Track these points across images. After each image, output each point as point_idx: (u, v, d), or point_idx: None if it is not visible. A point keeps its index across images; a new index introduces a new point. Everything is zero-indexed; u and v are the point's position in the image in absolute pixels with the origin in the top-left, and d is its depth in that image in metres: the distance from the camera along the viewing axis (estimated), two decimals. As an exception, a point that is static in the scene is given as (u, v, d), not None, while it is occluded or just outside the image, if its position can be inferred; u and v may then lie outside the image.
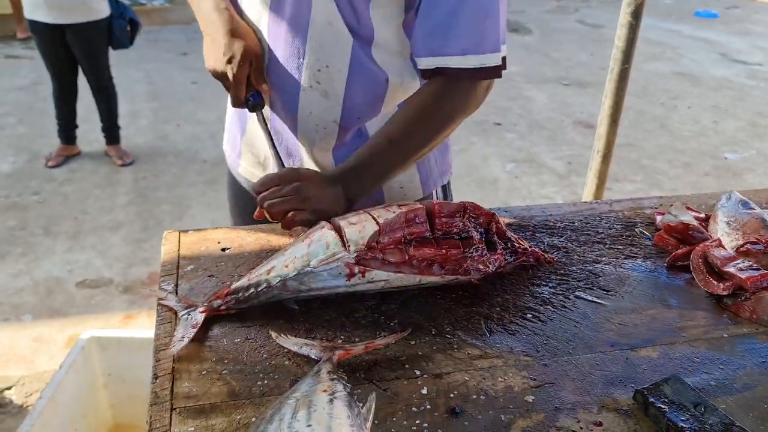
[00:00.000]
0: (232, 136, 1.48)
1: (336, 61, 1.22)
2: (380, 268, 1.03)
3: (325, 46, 1.21)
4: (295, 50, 1.23)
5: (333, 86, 1.24)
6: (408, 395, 0.88)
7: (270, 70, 1.28)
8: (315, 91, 1.25)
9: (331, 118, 1.28)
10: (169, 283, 1.09)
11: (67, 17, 3.96)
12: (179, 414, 0.84)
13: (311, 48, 1.22)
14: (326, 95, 1.25)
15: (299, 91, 1.26)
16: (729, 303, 1.11)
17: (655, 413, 0.86)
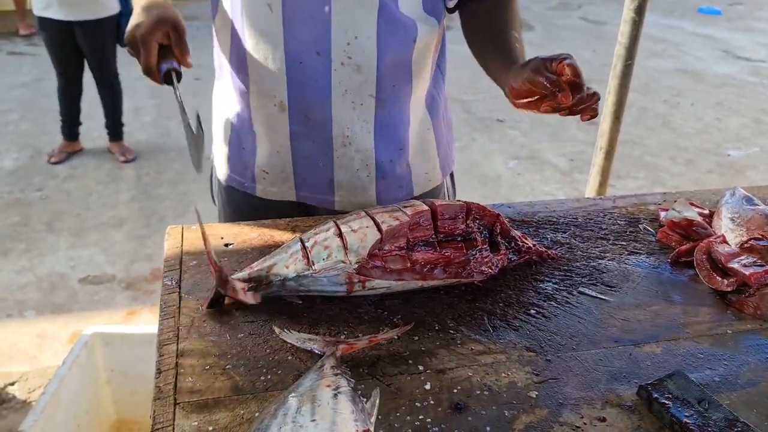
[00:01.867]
0: (241, 162, 1.39)
1: (364, 29, 1.17)
2: (381, 277, 1.02)
3: (351, 15, 1.16)
4: (319, 29, 1.17)
5: (364, 57, 1.19)
6: (411, 390, 0.88)
7: (292, 58, 1.20)
8: (347, 67, 1.20)
9: (366, 92, 1.23)
10: (172, 279, 1.09)
11: (78, 14, 4.00)
12: (183, 409, 0.84)
13: (337, 22, 1.16)
14: (359, 69, 1.20)
15: (330, 72, 1.20)
16: (733, 299, 1.10)
17: (658, 409, 0.86)
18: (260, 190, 1.39)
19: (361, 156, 1.30)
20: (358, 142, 1.29)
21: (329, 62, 1.19)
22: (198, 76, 6.12)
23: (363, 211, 1.08)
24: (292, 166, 1.32)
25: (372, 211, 1.07)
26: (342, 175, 1.32)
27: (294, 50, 1.20)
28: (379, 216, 1.05)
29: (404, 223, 1.04)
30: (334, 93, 1.23)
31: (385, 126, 1.29)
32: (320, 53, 1.19)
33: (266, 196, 1.39)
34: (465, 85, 5.92)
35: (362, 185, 1.34)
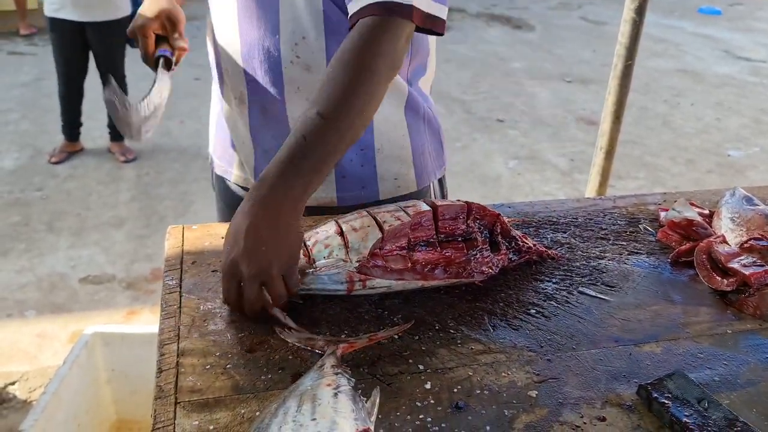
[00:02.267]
0: (221, 144, 1.45)
1: (311, 29, 1.19)
2: (382, 276, 1.03)
3: (298, 16, 1.18)
4: (269, 27, 1.21)
5: (313, 58, 1.22)
6: (411, 390, 0.88)
7: (246, 54, 1.25)
8: (297, 66, 1.23)
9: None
10: (173, 278, 1.09)
11: (92, 15, 4.02)
12: (183, 408, 0.84)
13: (284, 21, 1.19)
14: (309, 69, 1.23)
15: (281, 69, 1.23)
16: (733, 299, 1.11)
17: (658, 408, 0.86)
18: (243, 179, 1.44)
19: None
20: None
21: (280, 60, 1.23)
22: (198, 76, 6.14)
23: (365, 210, 1.09)
24: (254, 160, 1.36)
25: (373, 210, 1.08)
26: None
27: (248, 48, 1.25)
28: (381, 215, 1.05)
29: (406, 223, 1.04)
30: (287, 89, 1.26)
31: None
32: (271, 50, 1.23)
33: (239, 182, 1.45)
34: (465, 85, 5.92)
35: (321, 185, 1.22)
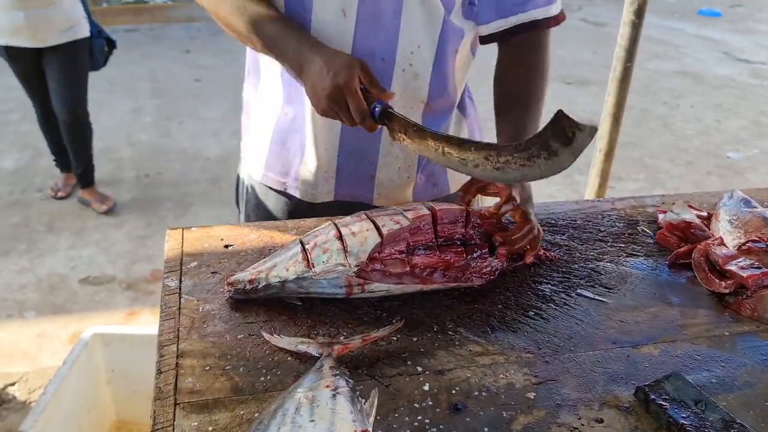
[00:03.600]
0: (282, 161, 1.38)
1: (426, 40, 1.23)
2: (381, 280, 1.03)
3: (418, 27, 1.22)
4: (387, 37, 1.22)
5: (423, 66, 1.25)
6: (410, 391, 0.89)
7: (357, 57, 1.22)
8: (407, 74, 1.25)
9: (419, 98, 1.29)
10: (173, 280, 1.10)
11: (47, 39, 3.41)
12: (183, 409, 0.85)
13: (404, 32, 1.21)
14: (417, 77, 1.26)
15: (392, 77, 1.25)
16: (730, 301, 1.11)
17: (656, 410, 0.86)
18: (301, 191, 1.39)
19: (405, 155, 1.34)
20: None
21: (392, 69, 1.24)
22: (198, 77, 6.15)
23: (363, 213, 1.09)
24: (336, 163, 1.34)
25: (372, 213, 1.08)
26: (384, 173, 1.36)
27: (360, 55, 1.18)
28: (380, 219, 1.05)
29: (405, 227, 1.04)
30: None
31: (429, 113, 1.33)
32: (384, 60, 1.23)
33: (305, 197, 1.39)
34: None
35: (401, 183, 1.38)
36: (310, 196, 1.39)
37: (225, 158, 4.55)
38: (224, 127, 5.08)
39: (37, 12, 3.28)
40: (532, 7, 1.24)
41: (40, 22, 3.32)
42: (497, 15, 1.25)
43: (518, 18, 1.24)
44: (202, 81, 6.09)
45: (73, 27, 3.46)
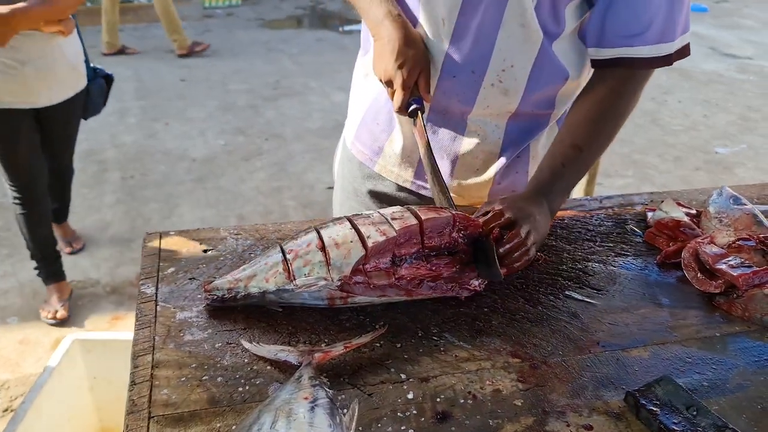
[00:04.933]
0: (371, 133, 1.44)
1: (521, 60, 1.21)
2: (364, 293, 1.00)
3: (513, 47, 1.20)
4: (481, 52, 1.21)
5: (514, 84, 1.24)
6: (393, 400, 0.86)
7: (446, 71, 1.25)
8: (496, 89, 1.25)
9: (505, 110, 1.29)
10: (149, 286, 1.06)
11: (49, 97, 2.61)
12: (157, 423, 0.81)
13: (499, 49, 1.20)
14: (506, 93, 1.25)
15: (479, 89, 1.25)
16: (721, 301, 1.09)
17: (646, 416, 0.84)
18: (380, 166, 1.45)
19: (485, 157, 1.34)
20: (486, 145, 1.33)
21: (481, 81, 1.24)
22: (184, 77, 6.09)
23: (347, 219, 1.04)
24: (418, 155, 1.36)
25: (357, 220, 1.03)
26: (462, 172, 1.37)
27: (451, 64, 1.24)
28: (365, 228, 1.00)
29: (390, 239, 1.00)
30: (477, 105, 1.28)
31: (514, 136, 1.32)
32: (475, 72, 1.23)
33: (383, 173, 1.45)
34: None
35: (477, 183, 1.38)
36: (387, 174, 1.44)
37: (211, 159, 4.50)
38: (210, 127, 5.03)
39: (36, 63, 2.48)
40: (640, 43, 1.16)
41: (41, 76, 2.52)
42: (596, 43, 1.19)
43: (614, 52, 1.18)
44: (188, 81, 6.03)
45: (74, 81, 2.71)
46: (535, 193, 1.17)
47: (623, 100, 1.22)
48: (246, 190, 4.13)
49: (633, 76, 1.20)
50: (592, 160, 1.24)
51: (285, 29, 8.22)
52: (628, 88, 1.21)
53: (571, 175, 1.22)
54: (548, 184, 1.19)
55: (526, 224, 1.09)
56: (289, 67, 6.63)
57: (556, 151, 1.22)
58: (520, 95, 1.25)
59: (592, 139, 1.21)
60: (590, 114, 1.21)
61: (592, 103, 1.21)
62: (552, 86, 1.26)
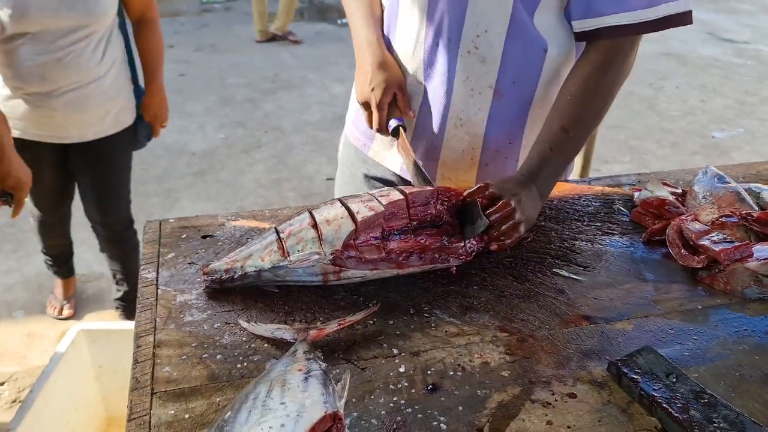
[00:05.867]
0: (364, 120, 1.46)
1: (495, 26, 1.23)
2: (356, 267, 1.03)
3: (486, 11, 1.23)
4: (455, 16, 1.25)
5: (491, 51, 1.26)
6: (385, 373, 0.90)
7: (428, 40, 1.30)
8: (473, 56, 1.27)
9: (486, 83, 1.30)
10: (150, 271, 1.10)
11: (82, 132, 2.24)
12: (159, 398, 0.85)
13: (472, 13, 1.24)
14: (483, 60, 1.27)
15: (457, 57, 1.28)
16: (704, 275, 1.12)
17: (628, 384, 0.87)
18: (373, 151, 1.50)
19: (470, 139, 1.37)
20: (470, 126, 1.36)
21: (457, 48, 1.28)
22: (182, 72, 6.12)
23: (337, 200, 1.08)
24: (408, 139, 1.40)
25: (346, 200, 1.08)
26: (447, 154, 1.40)
27: (431, 32, 1.29)
28: (354, 205, 1.05)
29: (379, 213, 1.04)
30: (456, 78, 1.31)
31: (498, 118, 1.34)
32: (451, 39, 1.27)
33: (376, 158, 1.50)
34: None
35: (465, 167, 1.41)
36: (380, 157, 1.49)
37: (211, 153, 4.53)
38: (209, 121, 5.06)
39: (67, 96, 2.13)
40: (627, 8, 1.15)
41: (71, 110, 2.17)
42: (582, 14, 1.20)
43: (599, 21, 1.18)
44: (187, 76, 6.05)
45: (119, 111, 2.30)
46: (524, 177, 1.20)
47: (609, 75, 1.22)
48: (246, 182, 4.16)
49: (617, 47, 1.20)
50: (581, 141, 1.26)
51: (282, 22, 8.23)
52: (614, 61, 1.21)
53: (560, 159, 1.24)
54: (537, 168, 1.21)
55: (513, 199, 1.12)
56: (287, 60, 6.65)
57: (545, 135, 1.24)
58: (498, 63, 1.27)
59: (579, 120, 1.22)
60: (576, 92, 1.22)
61: (577, 81, 1.22)
62: (530, 58, 1.27)
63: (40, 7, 1.93)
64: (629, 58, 1.23)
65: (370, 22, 1.39)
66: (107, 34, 2.15)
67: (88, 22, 2.03)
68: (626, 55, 1.22)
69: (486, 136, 1.36)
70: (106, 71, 2.18)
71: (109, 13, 2.09)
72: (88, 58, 2.10)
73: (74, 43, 2.05)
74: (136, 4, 2.27)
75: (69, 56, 2.06)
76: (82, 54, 2.09)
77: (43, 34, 1.99)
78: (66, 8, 1.97)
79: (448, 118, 1.36)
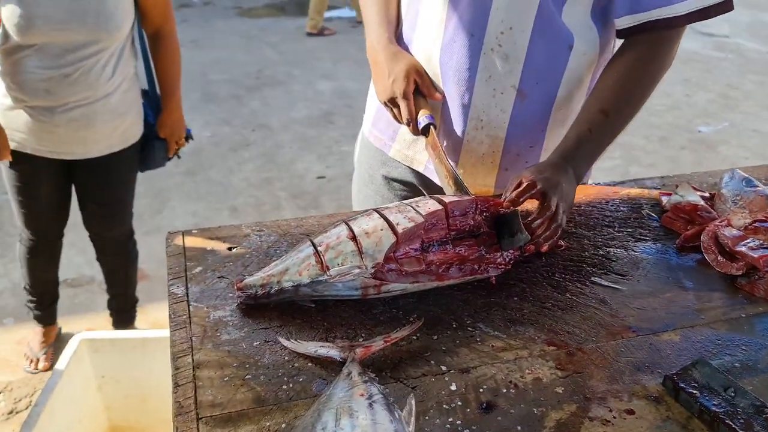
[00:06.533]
0: (388, 118, 1.44)
1: (520, 22, 1.21)
2: (397, 280, 1.00)
3: (511, 7, 1.20)
4: (478, 13, 1.22)
5: (514, 48, 1.23)
6: (437, 392, 0.87)
7: (450, 38, 1.27)
8: (495, 54, 1.24)
9: (509, 82, 1.27)
10: (179, 287, 1.06)
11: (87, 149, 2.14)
12: (206, 424, 0.81)
13: (496, 8, 1.21)
14: (506, 59, 1.24)
15: (480, 55, 1.25)
16: (743, 282, 1.11)
17: (686, 398, 0.86)
18: (394, 150, 1.47)
19: (491, 142, 1.34)
20: (491, 129, 1.33)
21: (480, 45, 1.25)
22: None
23: (374, 211, 1.05)
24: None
25: (383, 210, 1.05)
26: (467, 158, 1.37)
27: (452, 28, 1.26)
28: (393, 216, 1.02)
29: (419, 224, 1.01)
30: (479, 76, 1.28)
31: (521, 120, 1.31)
32: (474, 35, 1.24)
33: (397, 156, 1.47)
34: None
35: (484, 170, 1.38)
36: (401, 157, 1.46)
37: (198, 151, 4.46)
38: (194, 118, 4.98)
39: (72, 112, 2.02)
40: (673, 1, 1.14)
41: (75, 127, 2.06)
42: (630, 10, 1.18)
43: (650, 15, 1.17)
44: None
45: (127, 126, 2.19)
46: (561, 159, 1.18)
47: (654, 65, 1.21)
48: (236, 181, 4.10)
49: (663, 38, 1.20)
50: (620, 126, 1.24)
51: (264, 17, 8.15)
52: (661, 51, 1.20)
53: (598, 140, 1.22)
54: (574, 149, 1.19)
55: (555, 195, 1.10)
56: (270, 56, 6.58)
57: (583, 117, 1.22)
58: (522, 62, 1.24)
59: (620, 104, 1.21)
60: (619, 79, 1.20)
61: (620, 68, 1.21)
62: (555, 54, 1.25)
63: (47, 19, 1.83)
64: (673, 49, 1.23)
65: (384, 23, 1.38)
66: (119, 50, 2.02)
67: (99, 37, 1.91)
68: (671, 45, 1.22)
69: (507, 139, 1.34)
70: (116, 88, 2.07)
71: (123, 29, 1.96)
72: (97, 75, 1.99)
73: (84, 59, 1.94)
74: (153, 15, 2.11)
75: (77, 72, 1.95)
76: (92, 71, 1.97)
77: (49, 47, 1.89)
78: (77, 21, 1.85)
79: (468, 119, 1.33)
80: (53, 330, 2.70)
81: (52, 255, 2.50)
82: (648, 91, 1.24)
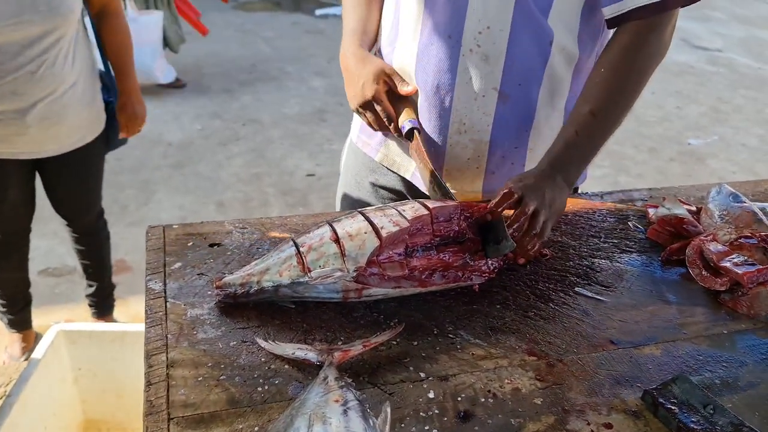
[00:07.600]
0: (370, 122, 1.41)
1: (498, 21, 1.19)
2: (379, 284, 0.99)
3: (488, 5, 1.18)
4: (455, 13, 1.20)
5: (494, 48, 1.21)
6: (415, 399, 0.86)
7: (426, 40, 1.25)
8: (475, 55, 1.22)
9: (491, 84, 1.24)
10: (157, 282, 1.04)
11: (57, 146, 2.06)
12: (177, 424, 0.80)
13: (472, 9, 1.19)
14: (486, 59, 1.22)
15: (458, 57, 1.23)
16: (726, 298, 1.10)
17: (665, 414, 0.85)
18: (381, 155, 1.45)
19: (475, 146, 1.32)
20: (474, 133, 1.30)
21: (459, 47, 1.22)
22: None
23: (359, 213, 1.04)
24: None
25: (369, 213, 1.03)
26: (452, 163, 1.35)
27: (429, 30, 1.24)
28: (378, 219, 1.00)
29: (404, 228, 1.00)
30: (458, 79, 1.25)
31: (504, 122, 1.29)
32: (451, 36, 1.22)
33: (384, 162, 1.45)
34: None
35: (471, 175, 1.36)
36: (389, 163, 1.44)
37: (187, 144, 4.43)
38: (185, 111, 4.95)
39: (42, 110, 1.94)
40: None
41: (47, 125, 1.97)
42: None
43: (630, 2, 1.13)
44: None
45: (89, 126, 2.12)
46: (547, 167, 1.15)
47: (642, 54, 1.17)
48: (225, 176, 4.07)
49: (649, 25, 1.16)
50: (610, 126, 1.20)
51: (259, 12, 8.11)
52: (648, 39, 1.16)
53: (587, 143, 1.19)
54: (561, 155, 1.16)
55: (533, 201, 1.07)
56: (264, 50, 6.55)
57: (571, 120, 1.19)
58: (502, 62, 1.22)
59: (607, 102, 1.17)
60: (605, 74, 1.17)
61: (606, 64, 1.18)
62: (536, 52, 1.22)
63: None
64: (663, 38, 1.19)
65: (357, 32, 1.36)
66: (75, 36, 1.96)
67: (55, 24, 1.84)
68: (660, 32, 1.17)
69: (492, 142, 1.32)
70: (78, 75, 1.99)
71: (76, 11, 1.89)
72: (61, 66, 1.91)
73: (44, 51, 1.86)
74: None
75: (42, 67, 1.87)
76: (56, 62, 1.90)
77: (7, 46, 1.79)
78: (30, 11, 1.76)
79: (450, 123, 1.30)
80: (31, 334, 2.59)
81: (22, 252, 2.39)
82: (639, 84, 1.19)
